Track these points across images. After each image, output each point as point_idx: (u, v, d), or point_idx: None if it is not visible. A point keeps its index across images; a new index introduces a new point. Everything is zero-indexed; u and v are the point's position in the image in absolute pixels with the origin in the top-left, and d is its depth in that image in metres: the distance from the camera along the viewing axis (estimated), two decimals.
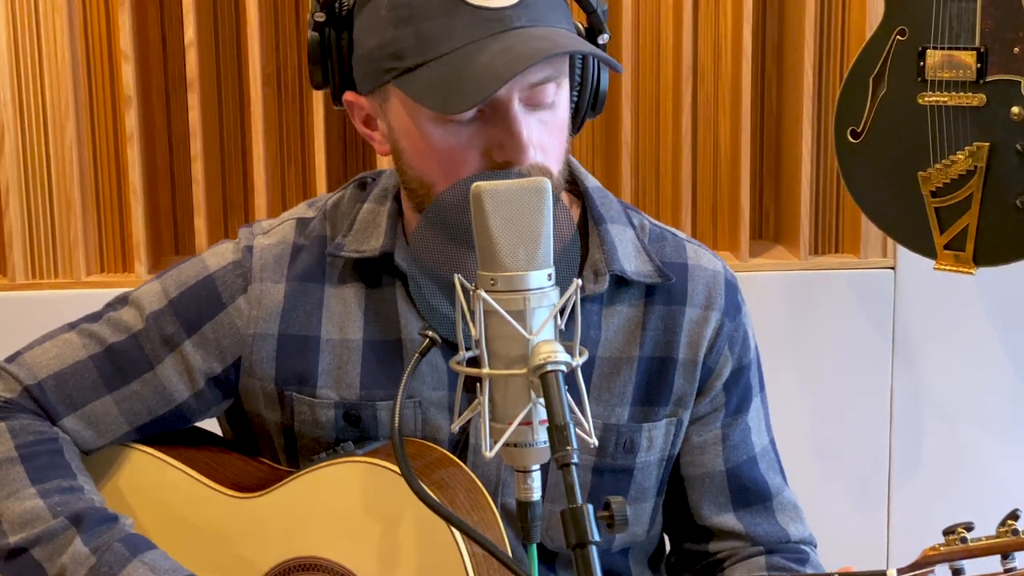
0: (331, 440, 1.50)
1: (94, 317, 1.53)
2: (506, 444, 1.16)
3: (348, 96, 1.44)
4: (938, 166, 2.15)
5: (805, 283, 2.52)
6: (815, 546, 1.59)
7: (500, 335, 1.16)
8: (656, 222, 1.57)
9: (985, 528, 2.58)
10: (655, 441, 1.51)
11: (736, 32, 2.44)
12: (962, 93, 2.11)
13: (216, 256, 1.52)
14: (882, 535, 2.60)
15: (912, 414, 2.59)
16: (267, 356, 1.50)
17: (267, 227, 1.54)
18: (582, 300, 1.45)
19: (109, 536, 1.40)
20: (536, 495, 1.16)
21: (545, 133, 1.37)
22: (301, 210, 1.56)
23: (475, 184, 1.15)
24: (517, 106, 1.35)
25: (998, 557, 1.23)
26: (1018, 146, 2.07)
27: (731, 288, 1.54)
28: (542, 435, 1.17)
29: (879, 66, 2.20)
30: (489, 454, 1.15)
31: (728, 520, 1.53)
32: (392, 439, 1.24)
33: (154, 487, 1.52)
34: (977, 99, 2.10)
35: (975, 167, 2.11)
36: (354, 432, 1.49)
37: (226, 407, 1.55)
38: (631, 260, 1.48)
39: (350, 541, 1.45)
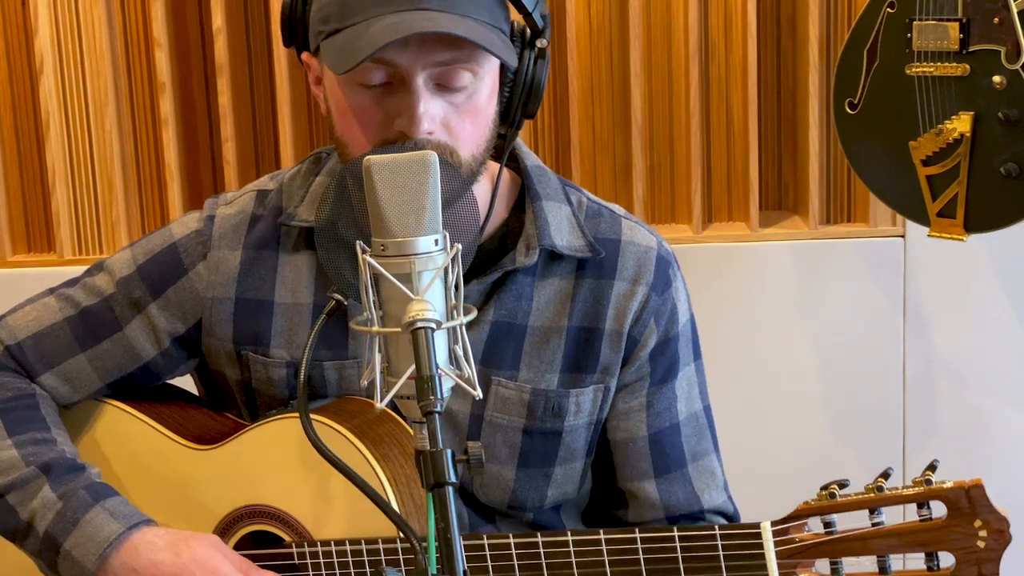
0: (284, 397, 1.61)
1: (72, 283, 1.67)
2: (399, 396, 1.25)
3: (304, 56, 1.56)
4: (928, 135, 2.18)
5: (816, 252, 2.55)
6: (729, 515, 1.64)
7: (391, 296, 1.24)
8: (596, 199, 1.65)
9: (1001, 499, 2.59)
10: (583, 406, 1.58)
11: (745, 5, 2.48)
12: (947, 63, 2.13)
13: (181, 225, 1.65)
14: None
15: (924, 380, 2.60)
16: (225, 318, 1.61)
17: (231, 198, 1.66)
18: (514, 272, 1.57)
19: (75, 484, 1.53)
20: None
21: (454, 115, 1.46)
22: (263, 182, 1.67)
23: (366, 158, 1.24)
24: (420, 82, 1.44)
25: (866, 512, 1.28)
26: (1000, 114, 2.08)
27: (663, 263, 1.60)
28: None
29: (871, 38, 2.23)
30: (380, 405, 1.24)
31: (646, 487, 1.60)
32: (298, 393, 1.33)
33: (123, 439, 1.65)
34: (961, 69, 2.11)
35: (962, 136, 2.13)
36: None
37: (193, 365, 1.68)
38: (564, 235, 1.57)
39: (293, 490, 1.55)
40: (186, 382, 1.74)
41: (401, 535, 1.37)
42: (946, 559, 1.25)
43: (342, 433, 1.51)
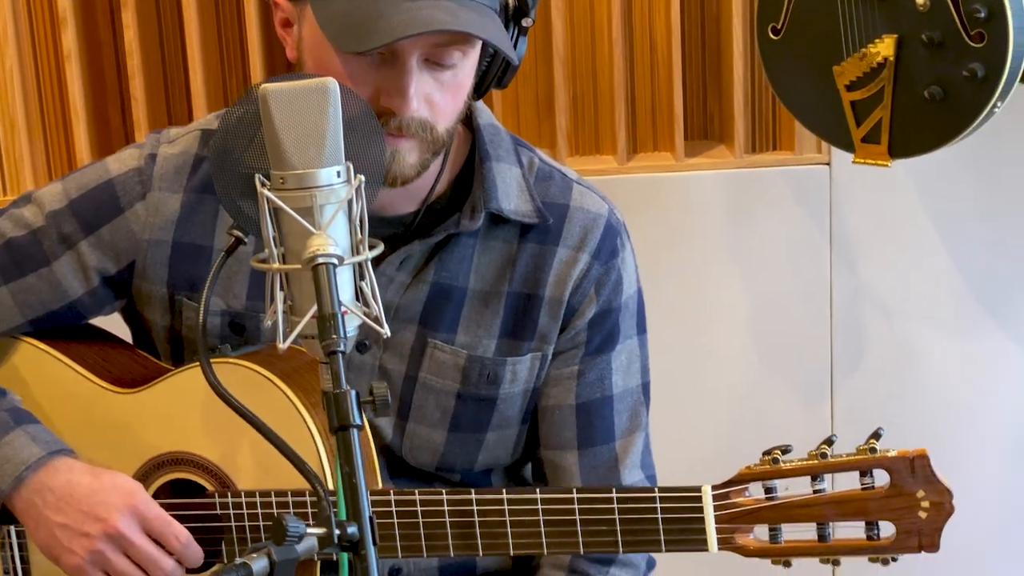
0: (217, 346, 1.50)
1: None
2: (304, 336, 1.18)
3: None
4: (851, 60, 2.11)
5: (742, 182, 2.46)
6: None
7: (292, 232, 1.16)
8: (548, 161, 1.56)
9: (922, 429, 2.58)
10: (519, 374, 1.51)
11: None
12: None
13: (119, 162, 1.54)
14: (826, 431, 2.59)
15: (852, 310, 2.55)
16: (160, 262, 1.52)
17: (174, 136, 1.55)
18: (458, 235, 1.49)
19: None
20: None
21: (437, 91, 1.39)
22: (208, 121, 1.56)
23: (262, 87, 1.13)
24: (415, 61, 1.36)
25: (808, 478, 1.22)
26: (924, 37, 2.03)
27: (610, 232, 1.52)
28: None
29: None
30: (283, 346, 1.17)
31: (567, 457, 1.52)
32: (199, 336, 1.27)
33: (41, 379, 1.56)
34: None
35: (885, 59, 2.09)
36: (237, 340, 1.51)
37: (119, 306, 1.58)
38: (511, 199, 1.48)
39: (217, 437, 1.46)
40: (112, 322, 1.64)
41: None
42: (887, 528, 1.19)
43: (270, 379, 1.43)
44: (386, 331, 1.17)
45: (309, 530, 1.06)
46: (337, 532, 1.05)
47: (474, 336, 1.50)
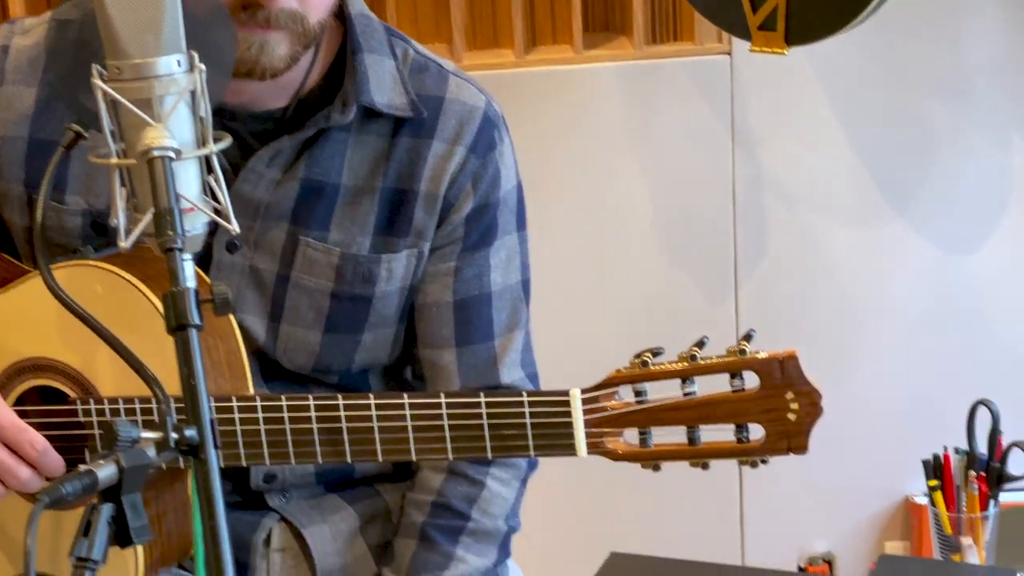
0: (78, 247, 1.42)
1: None
2: (147, 235, 1.10)
3: None
4: None
5: (642, 73, 2.38)
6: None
7: (132, 125, 1.07)
8: (423, 51, 1.47)
9: (824, 318, 2.55)
10: (395, 272, 1.44)
11: None
12: None
13: None
14: (730, 322, 2.55)
15: (754, 201, 2.50)
16: (16, 159, 1.42)
17: (28, 26, 1.44)
18: (329, 130, 1.40)
19: None
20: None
21: None
22: (64, 10, 1.43)
23: None
24: None
25: (679, 382, 1.17)
26: None
27: (488, 124, 1.45)
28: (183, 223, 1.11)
29: None
30: (124, 244, 1.10)
31: (446, 356, 1.46)
32: (36, 236, 1.19)
33: None
34: None
35: None
36: (100, 241, 1.44)
37: None
38: (384, 92, 1.40)
39: (77, 343, 1.37)
40: None
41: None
42: (756, 431, 1.15)
43: (132, 282, 1.33)
44: (234, 228, 1.10)
45: (144, 434, 0.99)
46: (174, 436, 0.98)
47: (347, 233, 1.42)
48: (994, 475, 1.76)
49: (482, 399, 1.21)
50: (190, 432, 0.99)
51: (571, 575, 2.06)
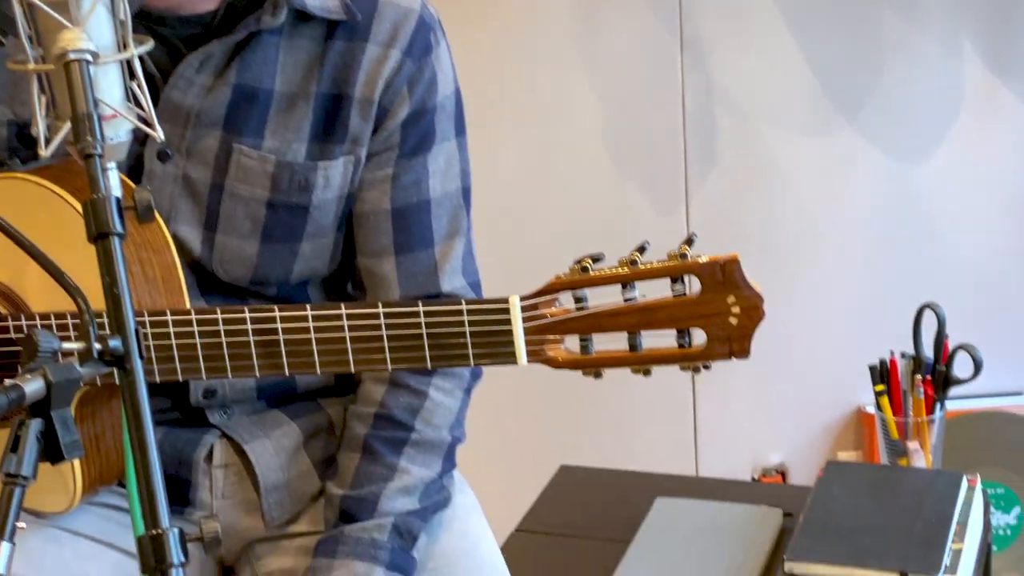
0: (4, 159, 1.38)
1: None
2: (69, 143, 1.07)
3: None
4: None
5: None
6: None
7: (49, 29, 1.03)
8: None
9: (776, 230, 2.53)
10: (332, 180, 1.40)
11: None
12: None
13: None
14: (681, 234, 2.53)
15: (704, 112, 2.47)
16: None
17: None
18: (259, 33, 1.35)
19: None
20: (116, 192, 1.08)
21: None
22: None
23: None
24: None
25: (619, 288, 1.13)
26: None
27: (424, 27, 1.40)
28: (105, 130, 1.07)
29: None
30: (44, 153, 1.06)
31: (385, 265, 1.43)
32: None
33: None
34: None
35: None
36: (28, 153, 1.38)
37: None
38: None
39: (7, 258, 1.32)
40: None
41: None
42: (698, 336, 1.13)
43: (61, 195, 1.29)
44: (159, 135, 1.06)
45: (66, 345, 0.96)
46: (98, 347, 0.95)
47: (282, 140, 1.38)
48: (940, 379, 1.76)
49: (420, 308, 1.18)
50: (114, 342, 0.96)
51: (521, 488, 2.05)
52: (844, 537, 1.54)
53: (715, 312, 1.11)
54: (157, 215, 1.33)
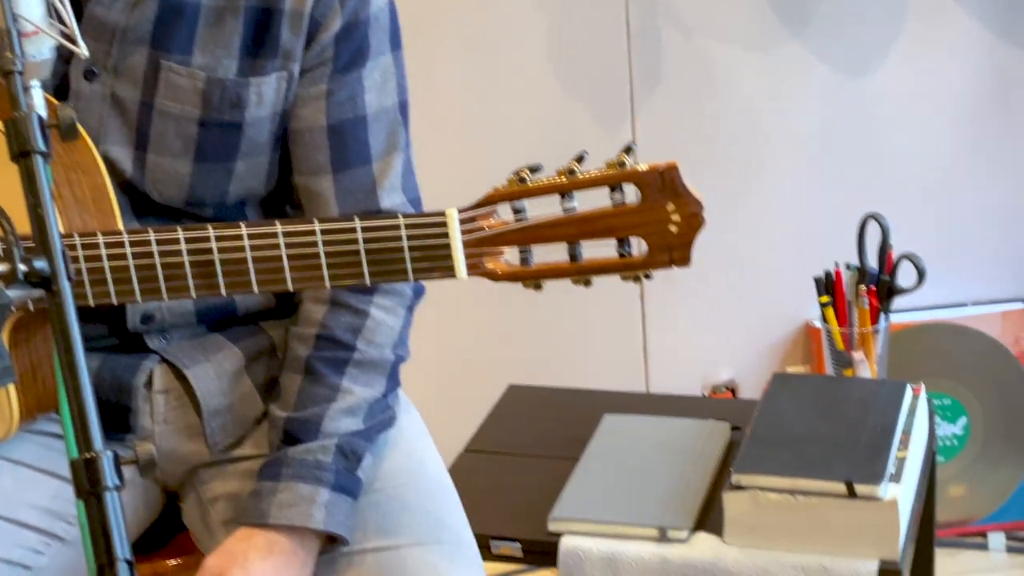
0: None
1: None
2: None
3: None
4: None
5: None
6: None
7: None
8: None
9: (723, 145, 2.52)
10: (265, 97, 1.37)
11: None
12: None
13: None
14: (626, 137, 2.53)
15: (649, 27, 2.44)
16: None
17: None
18: None
19: None
20: (40, 111, 1.05)
21: None
22: None
23: None
24: None
25: (559, 198, 1.10)
26: None
27: None
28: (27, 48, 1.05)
29: None
30: None
31: (323, 183, 1.40)
32: None
33: None
34: None
35: None
36: None
37: None
38: None
39: None
40: None
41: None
42: (638, 245, 1.13)
43: None
44: (83, 51, 1.04)
45: None
46: (23, 268, 0.93)
47: (212, 56, 1.35)
48: (884, 289, 1.76)
49: (357, 223, 1.16)
50: (40, 264, 0.94)
51: (469, 408, 2.05)
52: (790, 448, 1.55)
53: (655, 220, 1.10)
54: (86, 135, 1.31)
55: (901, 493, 1.49)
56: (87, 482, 0.91)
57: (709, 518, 1.59)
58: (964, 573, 2.56)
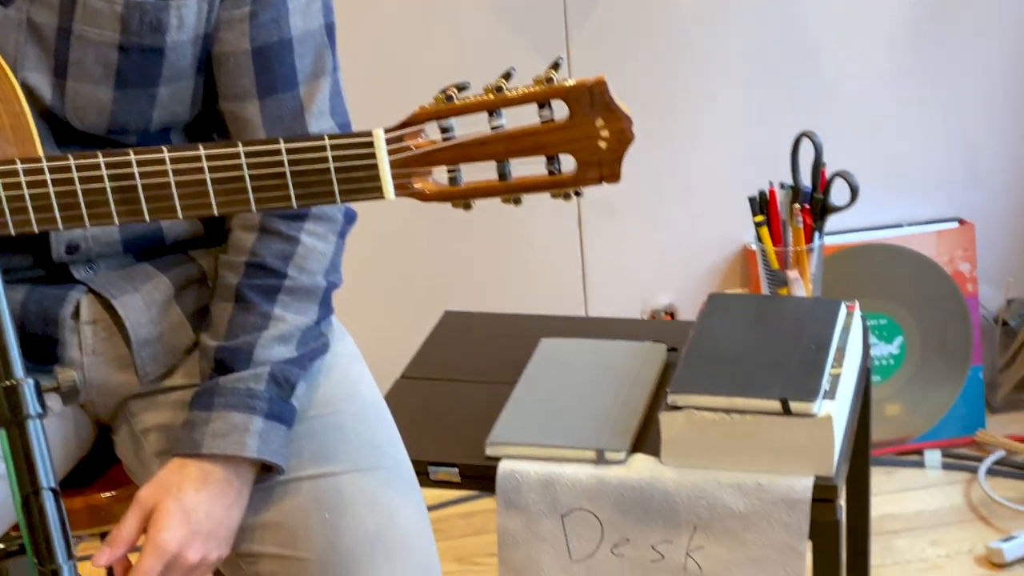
0: None
1: None
2: None
3: None
4: None
5: None
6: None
7: None
8: None
9: (658, 70, 2.50)
10: (186, 20, 1.33)
11: None
12: None
13: None
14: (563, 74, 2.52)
15: None
16: None
17: None
18: None
19: None
20: None
21: None
22: None
23: None
24: None
25: (487, 116, 1.09)
26: None
27: None
28: None
29: None
30: None
31: (249, 108, 1.38)
32: None
33: None
34: None
35: None
36: None
37: None
38: None
39: None
40: None
41: None
42: (568, 162, 1.12)
43: None
44: None
45: None
46: None
47: None
48: (818, 207, 1.76)
49: (282, 145, 1.15)
50: None
51: (405, 335, 2.04)
52: (726, 367, 1.56)
53: (584, 136, 1.09)
54: (2, 62, 1.27)
55: (835, 409, 1.50)
56: (8, 411, 0.90)
57: (646, 439, 1.60)
58: (901, 491, 2.60)
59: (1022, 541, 2.37)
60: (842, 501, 1.52)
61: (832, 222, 1.80)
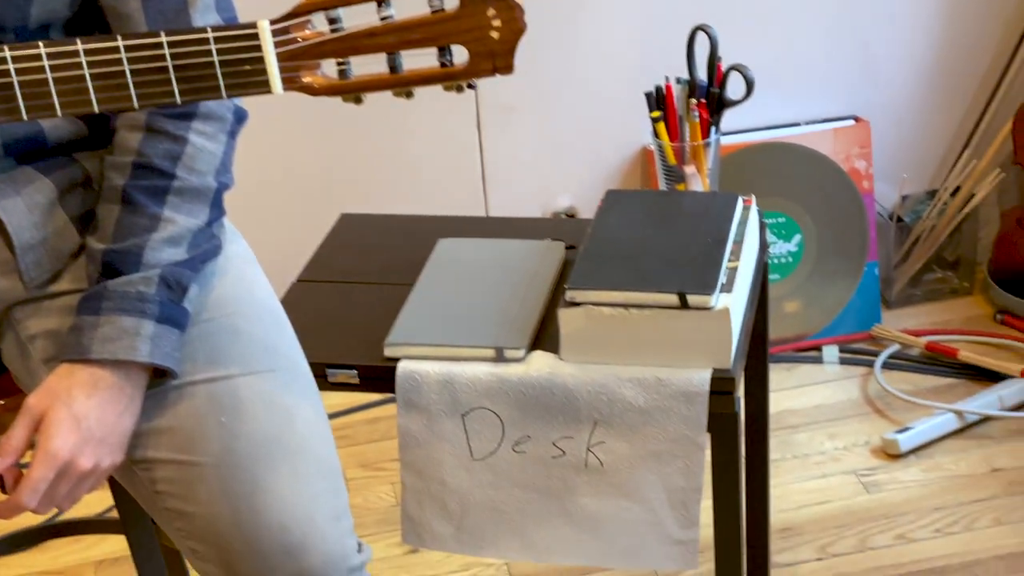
0: None
1: None
2: None
3: None
4: None
5: None
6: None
7: None
8: None
9: None
10: None
11: None
12: None
13: None
14: None
15: None
16: None
17: None
18: None
19: None
20: None
21: None
22: None
23: None
24: None
25: (375, 7, 1.09)
26: None
27: None
28: None
29: None
30: None
31: (130, 4, 1.34)
32: None
33: None
34: None
35: None
36: None
37: None
38: None
39: None
40: None
41: None
42: (460, 53, 1.10)
43: None
44: None
45: None
46: None
47: None
48: (714, 101, 1.76)
49: (163, 38, 1.11)
50: None
51: (301, 238, 2.02)
52: (623, 263, 1.56)
53: (475, 27, 1.07)
54: None
55: (733, 302, 1.51)
56: None
57: (546, 336, 1.60)
58: (800, 386, 2.64)
59: (916, 432, 2.43)
60: (740, 394, 1.54)
61: (729, 121, 1.81)
